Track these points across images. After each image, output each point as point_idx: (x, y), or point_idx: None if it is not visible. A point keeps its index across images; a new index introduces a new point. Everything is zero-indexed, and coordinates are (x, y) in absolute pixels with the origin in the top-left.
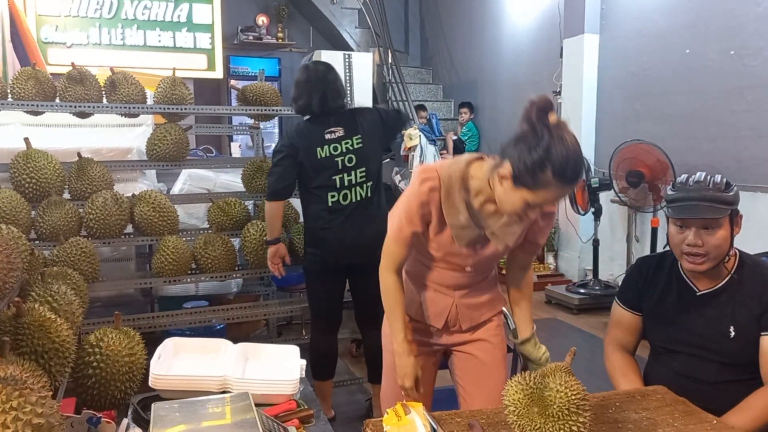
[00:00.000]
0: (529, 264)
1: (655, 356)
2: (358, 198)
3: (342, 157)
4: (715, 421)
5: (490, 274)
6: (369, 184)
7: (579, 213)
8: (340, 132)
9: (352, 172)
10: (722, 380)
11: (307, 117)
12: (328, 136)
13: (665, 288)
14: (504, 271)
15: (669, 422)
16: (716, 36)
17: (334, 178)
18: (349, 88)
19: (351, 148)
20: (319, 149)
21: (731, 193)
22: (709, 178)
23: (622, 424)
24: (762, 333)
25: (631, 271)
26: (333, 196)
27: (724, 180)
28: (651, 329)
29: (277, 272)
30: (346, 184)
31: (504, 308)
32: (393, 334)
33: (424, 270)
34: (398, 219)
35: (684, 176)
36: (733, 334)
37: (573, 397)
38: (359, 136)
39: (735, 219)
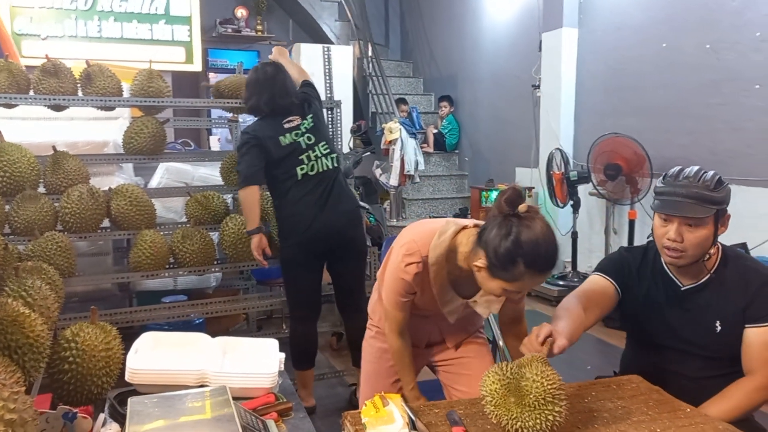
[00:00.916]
0: (522, 316)
1: (634, 349)
2: (325, 168)
3: (302, 137)
4: (688, 410)
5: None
6: (333, 156)
7: (558, 206)
8: (297, 120)
9: (316, 147)
10: (705, 375)
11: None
12: (287, 125)
13: (651, 284)
14: None
15: (643, 411)
16: (692, 30)
17: (301, 157)
18: (328, 81)
19: (307, 128)
20: (282, 138)
21: (720, 193)
22: (701, 174)
23: (598, 413)
24: (746, 325)
25: (617, 256)
26: (302, 169)
27: (716, 178)
28: (634, 323)
29: (262, 262)
30: (312, 158)
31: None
32: (403, 384)
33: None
34: (393, 293)
35: (676, 169)
36: (719, 329)
37: (549, 387)
38: (310, 115)
39: (721, 219)
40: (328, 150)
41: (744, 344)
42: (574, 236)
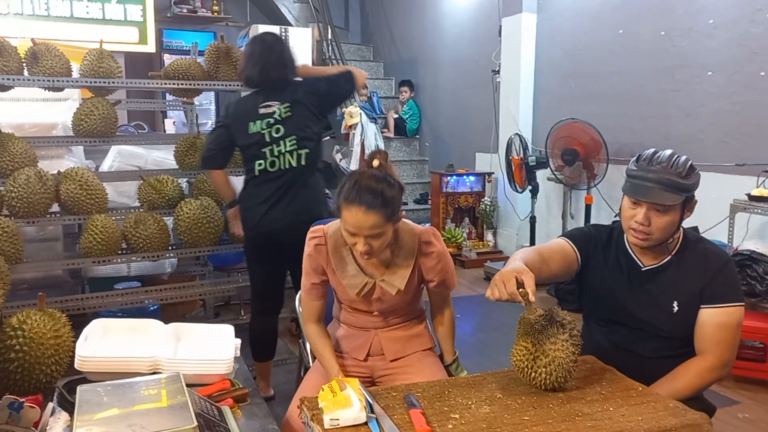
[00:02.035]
0: (446, 303)
1: (591, 327)
2: (287, 165)
3: (269, 129)
4: (640, 388)
5: (414, 314)
6: (301, 152)
7: (517, 191)
8: (274, 106)
9: (281, 142)
10: (660, 355)
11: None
12: (261, 111)
13: (614, 263)
14: None
15: (597, 390)
16: (648, 17)
17: (263, 150)
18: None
19: (279, 117)
20: (251, 123)
21: (691, 180)
22: (673, 159)
23: (552, 392)
24: (702, 306)
25: (586, 229)
26: (260, 165)
27: (688, 164)
28: (593, 301)
29: (239, 232)
30: (275, 153)
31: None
32: (328, 373)
33: (342, 312)
34: (305, 275)
35: (650, 152)
36: (676, 309)
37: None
38: (287, 104)
39: (689, 205)
40: (295, 146)
41: (698, 324)
42: (533, 221)
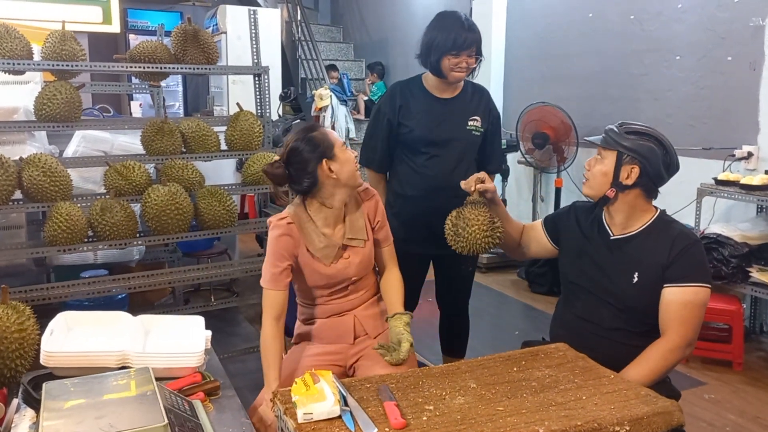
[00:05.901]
0: (392, 260)
1: (563, 302)
2: None
3: None
4: (612, 376)
5: (375, 289)
6: None
7: None
8: None
9: None
10: (615, 327)
11: None
12: None
13: (589, 233)
14: None
15: (570, 378)
16: (617, 0)
17: None
18: (255, 46)
19: None
20: None
21: (627, 140)
22: (628, 123)
23: (527, 381)
24: (665, 285)
25: (563, 209)
26: None
27: (634, 128)
28: (565, 264)
29: None
30: None
31: None
32: (265, 379)
33: (317, 310)
34: (268, 266)
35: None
36: (636, 280)
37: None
38: None
39: (624, 165)
40: None
41: (662, 303)
42: (503, 204)
